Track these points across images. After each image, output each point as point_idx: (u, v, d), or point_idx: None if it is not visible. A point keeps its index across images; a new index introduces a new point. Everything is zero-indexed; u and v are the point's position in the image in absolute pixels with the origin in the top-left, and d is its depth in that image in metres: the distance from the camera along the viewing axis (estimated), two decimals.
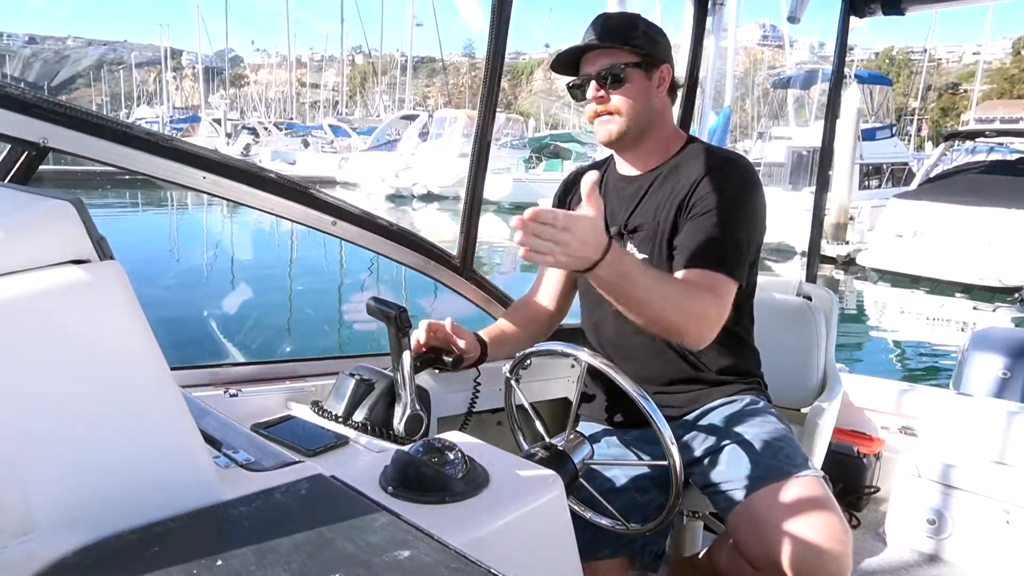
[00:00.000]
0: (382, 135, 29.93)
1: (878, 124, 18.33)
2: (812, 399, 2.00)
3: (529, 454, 1.29)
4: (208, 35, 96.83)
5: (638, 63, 1.47)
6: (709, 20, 2.47)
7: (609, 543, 1.46)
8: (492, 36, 1.75)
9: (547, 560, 1.03)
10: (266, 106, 68.50)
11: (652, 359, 1.55)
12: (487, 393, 1.73)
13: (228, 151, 36.81)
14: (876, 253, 12.64)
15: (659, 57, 1.49)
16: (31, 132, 1.23)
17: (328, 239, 1.79)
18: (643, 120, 1.50)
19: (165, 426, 0.71)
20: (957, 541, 2.26)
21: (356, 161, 27.57)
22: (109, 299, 0.69)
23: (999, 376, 2.75)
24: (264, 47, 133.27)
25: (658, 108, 1.52)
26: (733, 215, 1.41)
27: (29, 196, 0.76)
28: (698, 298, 1.31)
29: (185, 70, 78.84)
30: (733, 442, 1.47)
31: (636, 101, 1.47)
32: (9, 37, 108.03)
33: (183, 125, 48.76)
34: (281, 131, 41.30)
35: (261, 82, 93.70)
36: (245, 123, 48.59)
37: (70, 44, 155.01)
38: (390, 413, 1.24)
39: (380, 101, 58.58)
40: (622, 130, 1.50)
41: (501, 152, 25.86)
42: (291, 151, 34.47)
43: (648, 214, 1.51)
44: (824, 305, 2.14)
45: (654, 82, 1.50)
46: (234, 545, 0.65)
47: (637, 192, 1.55)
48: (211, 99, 69.23)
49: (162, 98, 77.51)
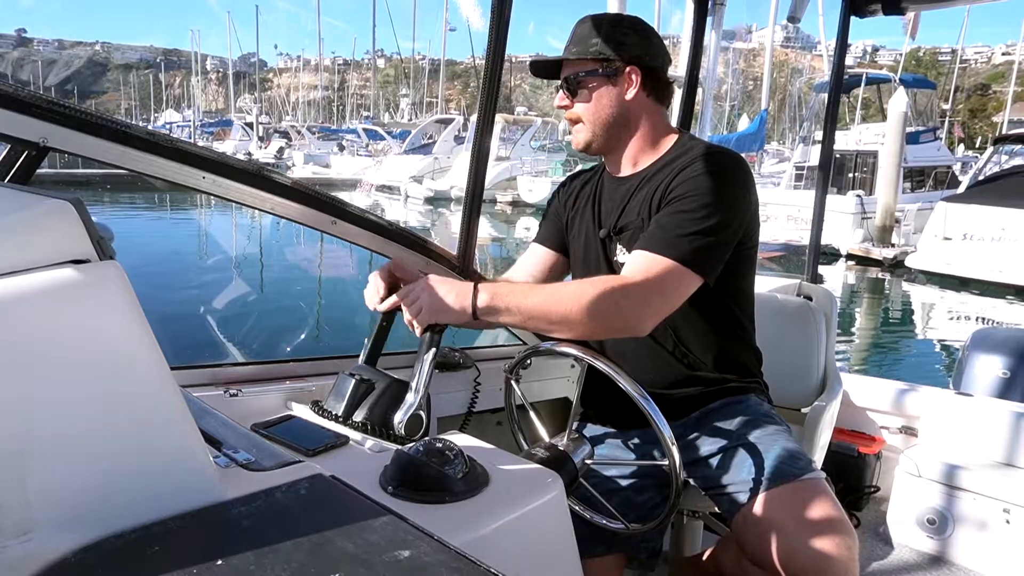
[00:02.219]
0: (417, 139, 30.13)
1: (922, 128, 18.48)
2: (812, 399, 2.00)
3: (529, 454, 1.29)
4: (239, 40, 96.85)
5: (596, 70, 1.46)
6: (709, 20, 2.47)
7: (606, 541, 1.46)
8: (492, 37, 1.75)
9: (547, 560, 1.03)
10: (293, 109, 68.64)
11: (653, 362, 1.54)
12: (487, 393, 1.73)
13: (261, 155, 37.24)
14: (925, 256, 12.89)
15: (624, 59, 1.46)
16: (31, 132, 1.23)
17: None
18: (610, 124, 1.49)
19: (165, 426, 0.71)
20: (957, 541, 2.26)
21: (391, 164, 27.97)
22: (109, 299, 0.69)
23: (1000, 376, 2.75)
24: (287, 51, 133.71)
25: (633, 111, 1.49)
26: (703, 202, 1.34)
27: (29, 196, 0.76)
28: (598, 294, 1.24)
29: (210, 74, 79.08)
30: (736, 444, 1.47)
31: (598, 107, 1.47)
32: (40, 43, 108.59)
33: (214, 129, 48.82)
34: (314, 135, 41.43)
35: (284, 86, 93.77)
36: (277, 127, 48.78)
37: (98, 49, 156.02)
38: (390, 413, 1.24)
39: (406, 105, 58.82)
40: (588, 138, 1.51)
41: (540, 156, 26.45)
42: (324, 154, 34.72)
43: (632, 213, 1.49)
44: (824, 305, 2.14)
45: (621, 86, 1.47)
46: (234, 545, 0.65)
47: (626, 193, 1.53)
48: (238, 103, 69.54)
49: (192, 102, 77.85)
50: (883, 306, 12.73)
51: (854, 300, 12.91)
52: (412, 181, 24.98)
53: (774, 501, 1.36)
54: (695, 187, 1.36)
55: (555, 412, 2.11)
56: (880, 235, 14.72)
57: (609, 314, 1.25)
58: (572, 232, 1.66)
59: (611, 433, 1.62)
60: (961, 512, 2.24)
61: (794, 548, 1.29)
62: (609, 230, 1.53)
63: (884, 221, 14.78)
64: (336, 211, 1.66)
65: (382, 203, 25.28)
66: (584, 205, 1.63)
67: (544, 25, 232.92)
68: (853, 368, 8.47)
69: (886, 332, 10.85)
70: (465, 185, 1.87)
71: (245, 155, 37.81)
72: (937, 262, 12.57)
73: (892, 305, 12.51)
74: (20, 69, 62.59)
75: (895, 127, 15.03)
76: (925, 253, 12.88)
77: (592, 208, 1.60)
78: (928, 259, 12.78)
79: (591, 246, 1.58)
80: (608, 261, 1.55)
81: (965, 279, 12.14)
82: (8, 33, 50.33)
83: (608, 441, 1.60)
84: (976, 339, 2.97)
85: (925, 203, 15.13)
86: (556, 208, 1.71)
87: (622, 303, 1.26)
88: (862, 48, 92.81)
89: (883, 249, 14.31)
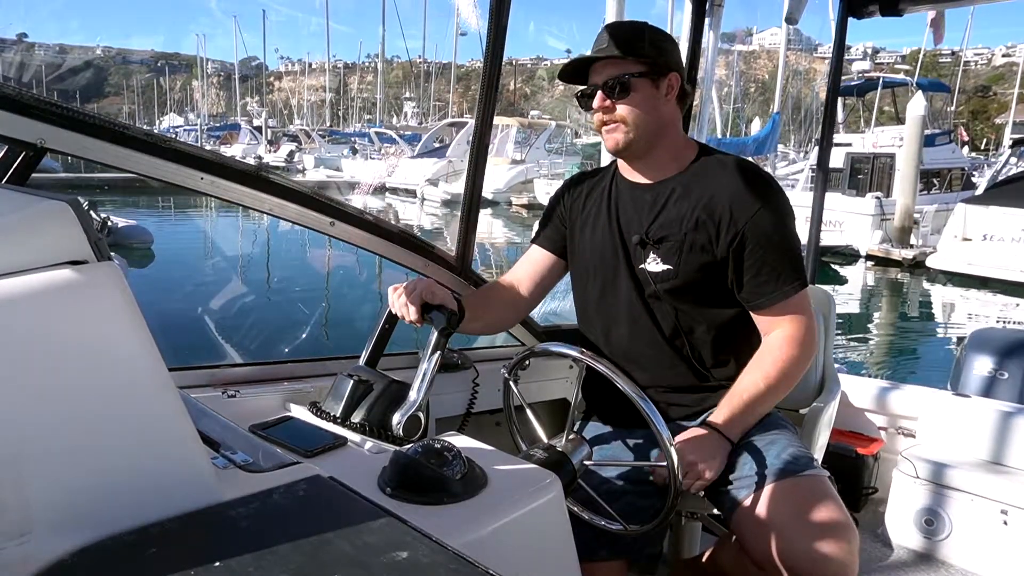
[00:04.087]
0: (429, 142, 30.23)
1: (937, 130, 18.74)
2: (811, 400, 2.00)
3: (528, 455, 1.28)
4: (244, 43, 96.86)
5: (643, 72, 1.46)
6: (707, 21, 2.48)
7: (607, 545, 1.45)
8: (489, 40, 1.75)
9: (546, 561, 1.03)
10: (298, 113, 68.60)
11: (664, 370, 1.55)
12: (485, 394, 1.73)
13: (271, 158, 37.20)
14: (945, 256, 13.15)
15: (666, 65, 1.48)
16: (29, 132, 1.23)
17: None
18: (650, 129, 1.49)
19: (163, 427, 0.71)
20: (955, 541, 2.26)
21: (405, 168, 28.19)
22: (107, 300, 0.69)
23: (996, 377, 2.76)
24: (288, 54, 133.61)
25: (667, 117, 1.51)
26: (787, 235, 1.48)
27: (26, 197, 0.76)
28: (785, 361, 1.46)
29: (211, 78, 79.40)
30: (739, 442, 1.48)
31: (642, 110, 1.47)
32: (40, 47, 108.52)
33: (221, 133, 48.42)
34: (324, 139, 41.43)
35: (285, 89, 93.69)
36: (285, 131, 48.57)
37: (99, 53, 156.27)
38: (388, 414, 1.24)
39: (409, 109, 58.80)
40: (629, 139, 1.49)
41: (556, 159, 26.77)
42: (335, 158, 34.71)
43: (673, 225, 1.49)
44: (823, 306, 2.14)
45: (661, 91, 1.49)
46: (232, 546, 0.65)
47: (656, 201, 1.53)
48: (239, 106, 69.57)
49: (195, 106, 77.82)
50: (903, 305, 12.96)
51: (873, 299, 13.11)
52: (428, 184, 25.13)
53: (775, 497, 1.36)
54: (775, 223, 1.46)
55: (554, 413, 2.11)
56: (899, 236, 15.01)
57: (806, 363, 1.50)
58: (579, 235, 1.64)
59: (610, 434, 1.62)
60: (958, 513, 2.24)
61: (795, 545, 1.29)
62: (642, 237, 1.51)
63: (903, 222, 15.08)
64: (334, 212, 1.66)
65: (396, 206, 25.50)
66: (597, 208, 1.61)
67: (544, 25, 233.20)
68: (874, 368, 8.56)
69: (904, 331, 11.03)
70: (464, 187, 1.87)
71: (255, 159, 37.78)
72: (958, 262, 12.83)
73: (912, 304, 12.75)
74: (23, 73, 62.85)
75: (914, 130, 15.35)
76: (945, 253, 13.15)
77: (609, 211, 1.59)
78: (948, 259, 13.04)
79: (608, 250, 1.57)
80: (630, 267, 1.54)
81: (985, 279, 12.37)
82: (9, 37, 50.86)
83: (607, 442, 1.60)
84: (974, 340, 2.97)
85: (942, 204, 15.45)
86: (561, 210, 1.69)
87: (807, 349, 1.49)
88: (863, 50, 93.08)
89: (902, 250, 14.59)
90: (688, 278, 1.47)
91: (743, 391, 1.45)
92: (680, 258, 1.48)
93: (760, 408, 1.47)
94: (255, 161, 36.94)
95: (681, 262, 1.48)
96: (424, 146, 29.97)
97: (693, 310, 1.51)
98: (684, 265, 1.48)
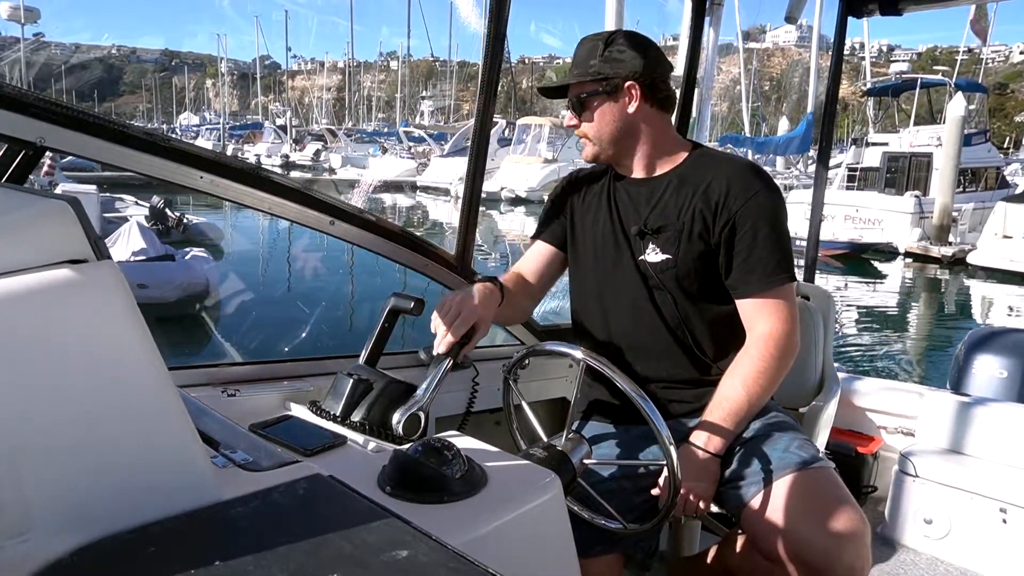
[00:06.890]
0: (459, 141, 30.33)
1: (974, 130, 18.92)
2: (810, 399, 2.00)
3: (527, 454, 1.28)
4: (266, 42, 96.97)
5: (596, 90, 1.52)
6: (706, 20, 2.47)
7: (603, 540, 1.46)
8: (489, 39, 1.75)
9: (545, 560, 1.03)
10: (317, 110, 68.54)
11: (664, 360, 1.56)
12: (485, 393, 1.73)
13: (297, 157, 37.19)
14: (985, 253, 13.55)
15: (623, 76, 1.51)
16: (28, 131, 1.22)
17: None
18: (616, 138, 1.55)
19: (162, 426, 0.71)
20: (954, 540, 2.26)
21: (436, 166, 28.54)
22: (106, 299, 0.69)
23: (996, 376, 2.76)
24: (300, 53, 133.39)
25: (637, 122, 1.54)
26: (779, 228, 1.49)
27: (25, 196, 0.76)
28: (766, 361, 1.45)
29: (224, 77, 79.98)
30: (744, 438, 1.48)
31: (603, 123, 1.54)
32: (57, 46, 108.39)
33: (243, 132, 48.13)
34: (350, 138, 41.42)
35: (297, 88, 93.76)
36: (309, 129, 48.31)
37: (113, 52, 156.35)
38: (388, 413, 1.24)
39: (426, 108, 58.89)
40: (596, 151, 1.59)
41: (580, 159, 27.02)
42: (362, 156, 34.76)
43: (671, 215, 1.52)
44: (822, 305, 2.14)
45: (622, 101, 1.52)
46: (232, 545, 0.65)
47: (652, 193, 1.56)
48: (256, 105, 69.51)
49: (211, 105, 77.68)
50: (941, 301, 13.18)
51: (912, 295, 13.35)
52: (460, 183, 25.25)
53: (786, 492, 1.36)
54: (758, 212, 1.46)
55: (553, 412, 2.11)
56: (937, 234, 15.29)
57: (789, 361, 1.49)
58: (579, 228, 1.67)
59: (610, 433, 1.62)
60: (958, 512, 2.25)
61: (809, 538, 1.30)
62: (641, 227, 1.54)
63: (942, 220, 15.35)
64: (334, 211, 1.66)
65: (427, 204, 25.63)
66: (596, 202, 1.65)
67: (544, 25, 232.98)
68: (916, 363, 8.64)
69: (942, 327, 11.17)
70: (463, 187, 1.87)
71: (281, 157, 37.77)
72: (999, 259, 13.19)
73: (953, 300, 12.99)
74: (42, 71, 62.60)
75: (954, 130, 15.63)
76: (986, 250, 13.51)
77: (608, 205, 1.62)
78: (989, 256, 13.39)
79: (608, 242, 1.60)
80: (632, 258, 1.56)
81: None
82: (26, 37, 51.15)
83: (606, 441, 1.60)
84: (973, 339, 2.97)
85: (978, 203, 15.78)
86: (562, 205, 1.72)
87: (789, 349, 1.48)
88: (877, 48, 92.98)
89: (941, 247, 14.86)
90: (687, 267, 1.50)
91: (724, 400, 1.46)
92: (679, 247, 1.50)
93: (744, 415, 1.46)
94: (282, 160, 37.12)
95: (680, 251, 1.50)
96: (454, 145, 30.11)
97: (694, 300, 1.53)
98: (683, 254, 1.50)
